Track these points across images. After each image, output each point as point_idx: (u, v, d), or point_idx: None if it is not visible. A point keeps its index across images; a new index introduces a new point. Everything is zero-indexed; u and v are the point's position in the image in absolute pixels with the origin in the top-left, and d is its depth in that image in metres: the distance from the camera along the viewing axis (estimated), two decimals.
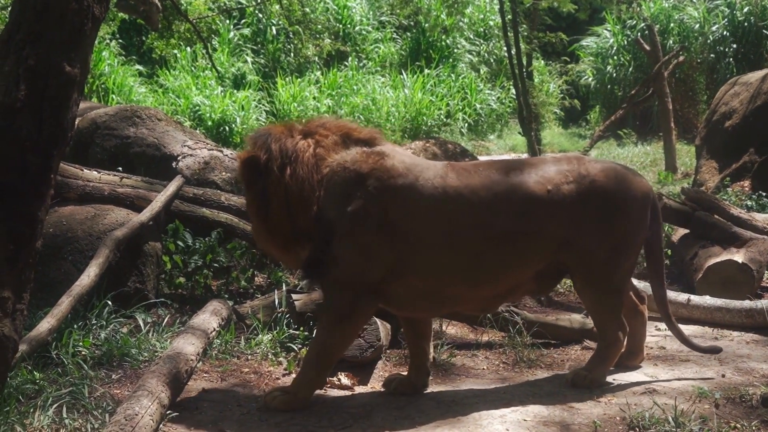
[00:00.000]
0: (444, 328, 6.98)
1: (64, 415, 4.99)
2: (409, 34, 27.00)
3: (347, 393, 5.71)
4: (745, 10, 22.65)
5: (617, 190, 5.61)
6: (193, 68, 23.53)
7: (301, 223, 5.40)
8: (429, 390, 5.70)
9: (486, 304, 5.81)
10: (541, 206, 5.47)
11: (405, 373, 5.81)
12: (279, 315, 6.76)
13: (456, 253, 5.40)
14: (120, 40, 23.90)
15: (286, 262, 6.11)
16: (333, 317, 5.39)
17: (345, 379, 5.85)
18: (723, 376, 5.82)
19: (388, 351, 6.40)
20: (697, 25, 23.78)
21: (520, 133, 18.71)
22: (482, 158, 14.31)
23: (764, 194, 10.72)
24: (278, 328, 6.64)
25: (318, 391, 5.59)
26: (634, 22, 24.12)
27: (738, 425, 4.87)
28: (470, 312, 6.56)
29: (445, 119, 23.28)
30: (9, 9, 5.13)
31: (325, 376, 5.54)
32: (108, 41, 22.50)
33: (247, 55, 24.38)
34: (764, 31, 22.35)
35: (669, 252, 8.77)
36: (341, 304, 5.36)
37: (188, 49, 22.94)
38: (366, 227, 5.29)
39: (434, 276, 5.41)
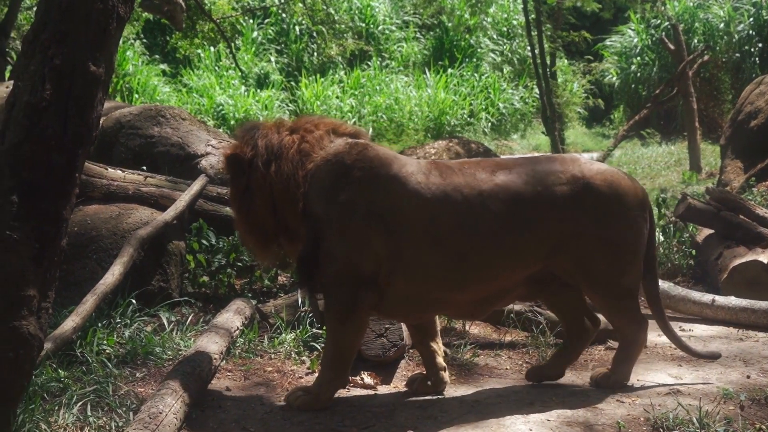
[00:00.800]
0: (467, 327, 6.97)
1: (89, 413, 5.01)
2: (432, 33, 26.99)
3: (370, 392, 5.71)
4: None
5: (612, 194, 5.45)
6: (216, 68, 23.61)
7: (287, 220, 5.41)
8: (452, 389, 5.69)
9: (473, 309, 5.61)
10: (530, 207, 5.35)
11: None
12: (302, 314, 6.77)
13: (439, 253, 5.28)
14: (144, 40, 24.02)
15: (263, 258, 6.02)
16: (337, 315, 5.36)
17: (368, 379, 5.86)
18: (748, 377, 5.79)
19: (411, 350, 6.40)
20: (723, 24, 23.65)
21: (543, 132, 18.67)
22: (504, 158, 14.30)
23: None
24: (301, 327, 6.65)
25: (341, 391, 5.59)
26: (659, 21, 23.99)
27: (763, 426, 4.85)
28: (457, 317, 6.44)
29: (468, 119, 23.26)
30: (35, 8, 5.16)
31: (344, 374, 5.49)
32: (132, 41, 22.61)
33: (270, 54, 24.44)
34: None
35: (693, 252, 8.73)
36: (342, 300, 5.33)
37: (212, 48, 23.02)
38: (353, 218, 5.24)
39: (419, 277, 5.31)
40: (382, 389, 5.78)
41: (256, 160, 5.41)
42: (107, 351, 6.04)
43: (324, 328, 6.49)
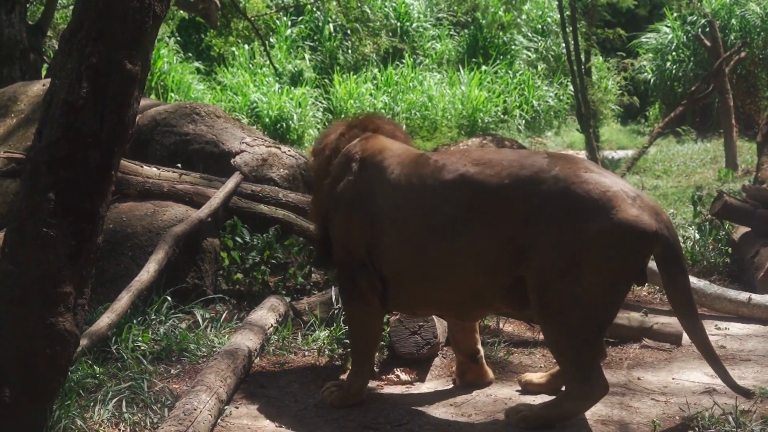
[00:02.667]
0: (501, 325, 6.95)
1: (124, 410, 5.05)
2: (466, 30, 26.93)
3: (405, 390, 5.71)
4: None
5: (594, 211, 4.66)
6: (250, 65, 23.67)
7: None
8: (486, 387, 5.68)
9: (457, 310, 5.35)
10: (492, 202, 4.89)
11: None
12: (335, 311, 6.78)
13: (403, 244, 5.17)
14: (179, 38, 24.11)
15: (317, 250, 6.28)
16: (343, 296, 5.63)
17: (403, 375, 5.87)
18: None
19: (445, 348, 6.39)
20: (759, 21, 23.44)
21: (578, 129, 18.60)
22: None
23: None
24: (334, 324, 6.66)
25: (375, 388, 5.61)
26: (695, 17, 23.83)
27: None
28: (448, 318, 5.79)
29: (502, 116, 23.19)
30: (71, 7, 5.20)
31: (365, 362, 5.47)
32: (167, 39, 22.72)
33: (304, 52, 24.47)
34: None
35: (729, 250, 8.67)
36: (343, 282, 5.50)
37: (246, 46, 23.09)
38: (345, 205, 5.40)
39: (396, 269, 5.26)
40: (416, 387, 5.78)
41: (315, 155, 5.84)
42: (142, 348, 6.08)
43: None
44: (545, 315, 4.86)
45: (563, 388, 5.17)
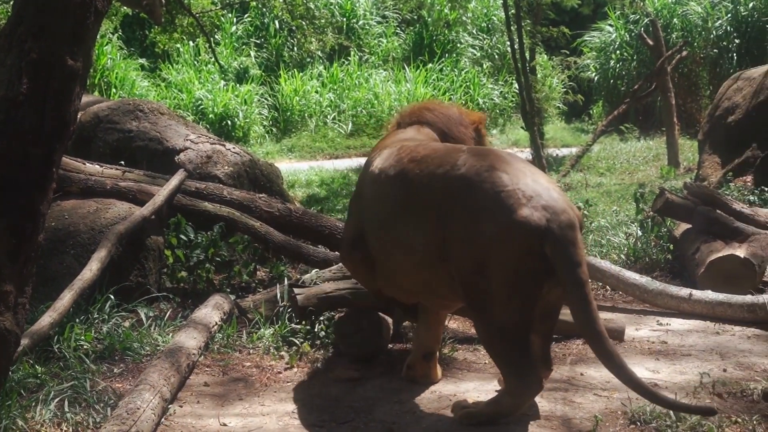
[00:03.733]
0: (446, 322, 6.97)
1: (66, 410, 5.00)
2: (412, 28, 26.96)
3: (350, 386, 5.71)
4: (750, 5, 22.62)
5: (487, 205, 4.75)
6: (195, 62, 23.54)
7: None
8: (430, 384, 5.70)
9: (418, 297, 5.51)
10: (418, 195, 5.08)
11: None
12: (281, 309, 6.77)
13: (371, 234, 5.50)
14: (122, 34, 23.90)
15: None
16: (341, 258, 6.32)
17: (348, 372, 5.86)
18: (724, 370, 5.82)
19: (390, 345, 6.40)
20: (701, 20, 23.74)
21: (522, 127, 18.67)
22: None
23: (766, 189, 10.70)
24: (280, 322, 6.65)
25: (320, 384, 5.62)
26: (637, 16, 24.06)
27: (739, 419, 4.88)
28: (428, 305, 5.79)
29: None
30: (11, 2, 5.13)
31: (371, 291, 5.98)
32: (110, 35, 22.50)
33: (250, 49, 24.38)
34: (767, 26, 22.32)
35: (671, 247, 8.76)
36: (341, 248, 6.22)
37: (191, 43, 22.94)
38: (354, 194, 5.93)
39: (374, 254, 5.55)
40: (361, 384, 5.78)
41: None
42: (85, 347, 6.03)
43: (303, 323, 6.51)
44: (471, 311, 5.07)
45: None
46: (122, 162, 8.56)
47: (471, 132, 5.99)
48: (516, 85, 20.12)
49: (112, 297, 6.69)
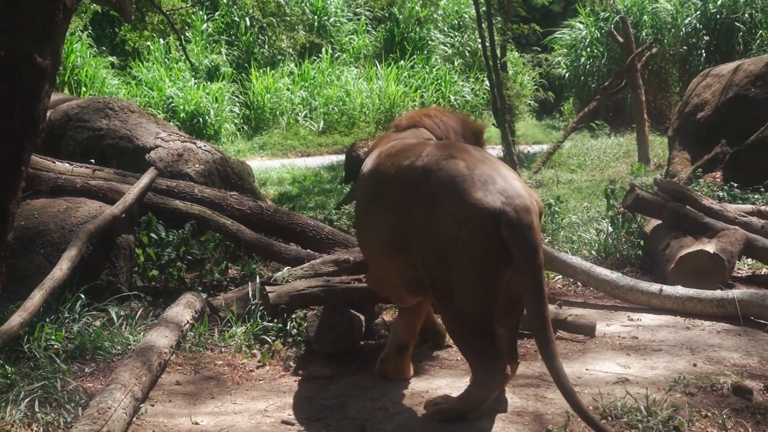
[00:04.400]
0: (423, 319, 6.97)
1: (37, 410, 4.97)
2: (383, 26, 26.97)
3: (322, 384, 5.71)
4: (719, 2, 22.77)
5: (444, 193, 4.81)
6: (166, 60, 23.47)
7: None
8: (403, 381, 5.70)
9: (393, 292, 5.51)
10: (386, 187, 5.21)
11: None
12: (253, 307, 6.76)
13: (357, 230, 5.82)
14: (92, 32, 23.78)
15: None
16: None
17: (320, 370, 5.86)
18: (694, 365, 5.85)
19: (362, 342, 6.41)
20: (670, 18, 23.88)
21: (493, 124, 18.70)
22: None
23: (735, 185, 10.78)
24: (252, 320, 6.64)
25: (292, 382, 5.62)
26: (608, 14, 24.17)
27: (709, 414, 4.91)
28: (395, 301, 5.93)
29: None
30: None
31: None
32: (80, 33, 22.39)
33: (221, 46, 24.32)
34: (736, 23, 22.47)
35: (641, 243, 8.81)
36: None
37: (161, 41, 22.87)
38: None
39: None
40: (334, 382, 5.78)
41: None
42: (55, 346, 6.00)
43: (275, 321, 6.50)
44: (436, 301, 5.15)
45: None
46: (92, 160, 8.51)
47: (471, 141, 5.96)
48: (487, 83, 20.16)
49: (82, 296, 6.65)
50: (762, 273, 8.58)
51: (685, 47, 23.19)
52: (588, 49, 25.14)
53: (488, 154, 5.21)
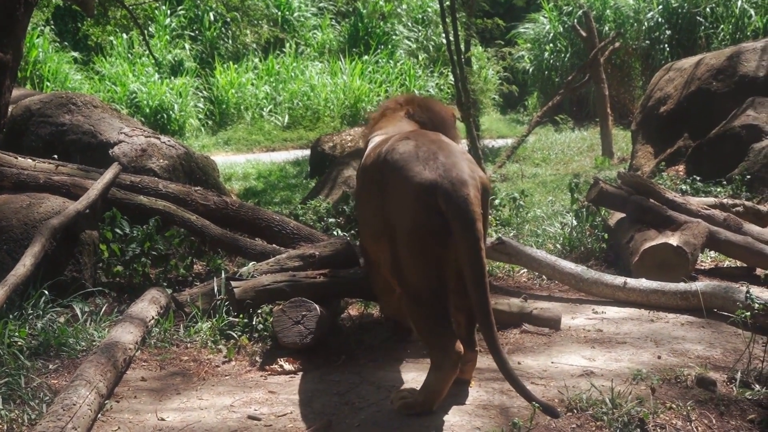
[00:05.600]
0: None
1: (1, 407, 4.93)
2: (347, 20, 26.97)
3: (288, 379, 5.71)
4: None
5: (394, 171, 5.01)
6: (129, 55, 23.35)
7: None
8: (369, 375, 5.70)
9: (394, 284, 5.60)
10: (369, 175, 5.44)
11: None
12: (218, 303, 6.74)
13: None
14: (54, 27, 23.61)
15: None
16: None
17: (286, 365, 5.86)
18: (659, 357, 5.89)
19: (329, 337, 6.40)
20: (633, 12, 24.04)
21: (458, 119, 18.79)
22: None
23: (698, 178, 10.88)
24: (217, 315, 6.62)
25: (258, 378, 5.61)
26: (571, 8, 24.30)
27: (674, 405, 4.94)
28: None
29: None
30: None
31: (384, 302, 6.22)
32: (42, 27, 22.22)
33: (184, 41, 24.22)
34: (698, 17, 22.66)
35: (606, 236, 8.87)
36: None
37: (124, 35, 22.76)
38: None
39: None
40: (300, 377, 5.77)
41: None
42: (19, 343, 5.94)
43: (240, 316, 6.48)
44: (397, 284, 5.28)
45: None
46: (55, 156, 8.46)
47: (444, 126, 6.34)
48: (451, 77, 20.20)
49: (46, 292, 6.61)
50: (725, 265, 8.66)
51: (647, 41, 23.37)
52: (551, 44, 25.29)
53: (442, 138, 5.36)
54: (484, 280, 4.81)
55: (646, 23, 23.48)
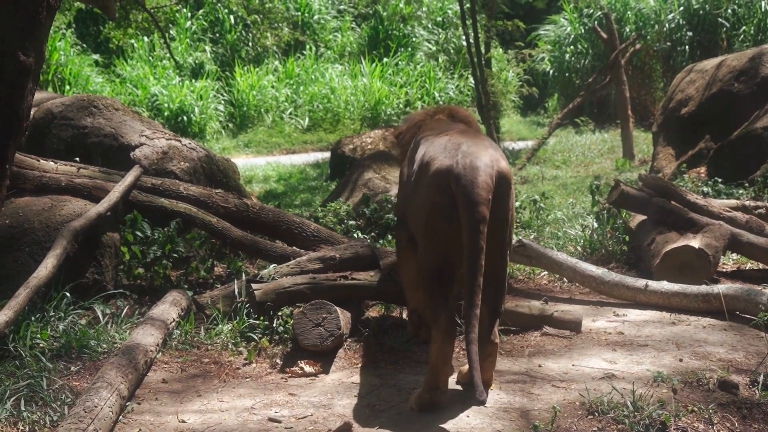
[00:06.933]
0: (404, 315, 6.98)
1: (23, 408, 4.95)
2: (367, 23, 26.98)
3: (309, 381, 5.71)
4: None
5: (419, 159, 5.49)
6: (150, 58, 23.42)
7: None
8: (389, 377, 5.70)
9: None
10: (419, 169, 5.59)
11: None
12: (239, 305, 6.74)
13: None
14: (76, 30, 23.71)
15: None
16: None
17: (307, 367, 5.86)
18: (680, 360, 5.87)
19: (348, 339, 6.40)
20: (654, 14, 23.95)
21: (478, 121, 18.80)
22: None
23: (720, 180, 10.82)
24: (238, 317, 6.63)
25: (279, 380, 5.61)
26: (591, 10, 24.23)
27: (695, 408, 4.92)
28: None
29: (404, 108, 23.28)
30: None
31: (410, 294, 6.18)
32: (64, 31, 22.32)
33: (205, 44, 24.28)
34: (719, 18, 22.56)
35: (627, 238, 8.84)
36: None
37: (146, 38, 22.82)
38: None
39: None
40: (321, 379, 5.78)
41: None
42: (41, 345, 5.97)
43: (261, 318, 6.49)
44: None
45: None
46: (77, 158, 8.48)
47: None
48: (471, 79, 20.20)
49: (68, 294, 6.62)
50: (747, 268, 8.61)
51: (668, 43, 23.28)
52: (572, 46, 25.22)
53: (477, 134, 5.76)
54: (479, 261, 4.96)
55: (667, 25, 23.40)
